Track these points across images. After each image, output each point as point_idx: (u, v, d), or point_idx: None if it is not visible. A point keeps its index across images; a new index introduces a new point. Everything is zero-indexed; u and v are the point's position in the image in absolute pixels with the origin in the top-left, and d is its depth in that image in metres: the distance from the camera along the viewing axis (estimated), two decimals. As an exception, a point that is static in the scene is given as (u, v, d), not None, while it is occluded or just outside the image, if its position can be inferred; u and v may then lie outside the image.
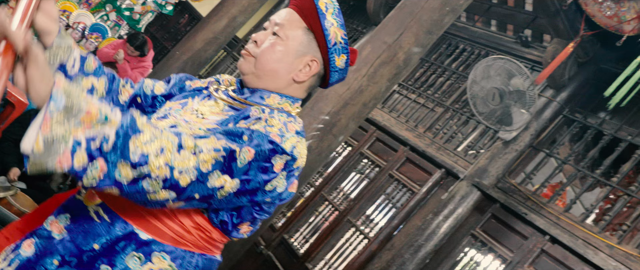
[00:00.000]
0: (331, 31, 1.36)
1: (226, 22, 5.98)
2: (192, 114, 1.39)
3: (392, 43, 3.83)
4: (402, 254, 4.62)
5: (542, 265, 4.05)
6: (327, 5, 1.37)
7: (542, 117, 4.73)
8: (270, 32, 1.40)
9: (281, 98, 1.40)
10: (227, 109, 1.39)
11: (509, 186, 4.58)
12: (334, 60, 1.40)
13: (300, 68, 1.40)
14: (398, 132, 5.57)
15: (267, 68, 1.38)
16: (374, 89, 3.84)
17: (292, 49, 1.38)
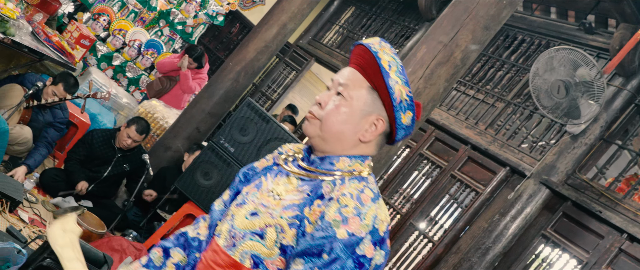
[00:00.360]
0: (396, 89, 1.35)
1: (277, 29, 5.96)
2: (269, 197, 1.40)
3: (448, 42, 3.72)
4: (469, 257, 4.47)
5: (621, 266, 3.83)
6: (390, 64, 1.35)
7: (612, 107, 4.48)
8: (334, 93, 1.40)
9: (351, 160, 1.39)
10: (300, 185, 1.39)
11: (580, 182, 4.35)
12: (400, 118, 1.38)
13: (366, 128, 1.39)
14: (458, 131, 5.41)
15: (334, 130, 1.38)
16: (432, 91, 3.74)
17: (357, 109, 1.38)
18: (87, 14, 6.99)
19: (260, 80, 8.54)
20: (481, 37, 3.74)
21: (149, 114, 6.16)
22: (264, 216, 1.35)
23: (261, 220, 1.35)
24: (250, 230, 1.35)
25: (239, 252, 1.34)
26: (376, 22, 7.88)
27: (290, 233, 1.31)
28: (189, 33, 7.70)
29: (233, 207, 1.45)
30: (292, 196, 1.37)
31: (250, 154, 4.44)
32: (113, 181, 5.07)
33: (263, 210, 1.37)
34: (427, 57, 3.72)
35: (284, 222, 1.32)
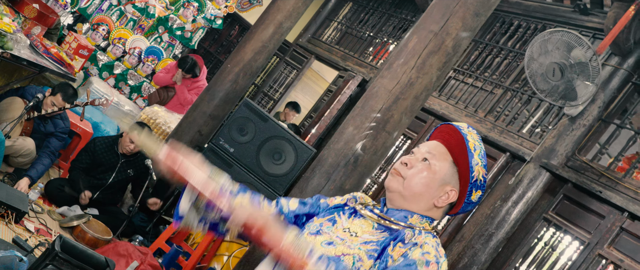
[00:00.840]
0: (476, 169, 1.55)
1: (273, 29, 5.99)
2: (345, 233, 1.57)
3: (438, 31, 3.73)
4: (473, 244, 4.48)
5: (623, 245, 3.82)
6: (475, 147, 1.55)
7: (609, 87, 4.46)
8: (420, 159, 1.59)
9: (422, 219, 1.57)
10: (377, 227, 1.57)
11: (580, 164, 4.35)
12: (471, 194, 1.58)
13: (441, 195, 1.57)
14: (458, 119, 5.41)
15: (415, 190, 1.56)
16: (425, 80, 3.75)
17: (438, 177, 1.57)
18: (86, 25, 7.07)
19: (262, 81, 8.58)
20: (472, 23, 3.75)
21: (151, 120, 6.22)
22: (341, 247, 1.53)
23: (338, 249, 1.53)
24: (327, 256, 1.46)
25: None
26: (374, 16, 7.89)
27: (368, 263, 1.48)
28: (188, 38, 7.76)
29: (306, 235, 1.62)
30: (369, 236, 1.54)
31: (249, 153, 4.48)
32: (118, 187, 5.13)
33: (339, 242, 1.55)
34: (418, 47, 3.73)
35: (362, 254, 1.49)
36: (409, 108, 3.72)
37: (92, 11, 7.08)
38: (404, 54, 3.76)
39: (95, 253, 3.17)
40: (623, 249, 3.82)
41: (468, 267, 4.44)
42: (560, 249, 4.19)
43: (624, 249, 3.81)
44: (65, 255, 2.93)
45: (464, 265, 4.45)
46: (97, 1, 7.12)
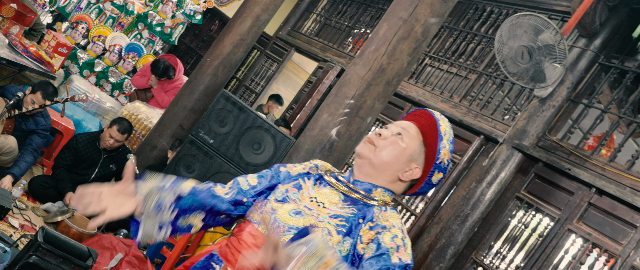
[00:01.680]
0: (442, 152, 1.64)
1: (251, 22, 6.06)
2: (312, 202, 1.63)
3: (407, 17, 3.82)
4: (450, 225, 4.61)
5: (591, 219, 3.97)
6: (446, 132, 1.65)
7: (577, 68, 4.60)
8: (395, 132, 1.67)
9: (384, 192, 1.66)
10: (344, 199, 1.64)
11: (551, 143, 4.48)
12: (433, 175, 1.67)
13: (406, 170, 1.65)
14: (434, 105, 5.53)
15: (384, 160, 1.64)
16: (396, 66, 3.85)
17: (407, 153, 1.65)
18: (65, 24, 7.09)
19: (244, 75, 8.65)
20: (440, 9, 3.85)
21: (133, 116, 6.28)
22: (309, 217, 1.58)
23: (307, 220, 1.58)
24: (295, 227, 1.57)
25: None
26: (351, 7, 7.99)
27: (336, 238, 1.55)
28: (168, 34, 7.81)
29: (273, 201, 1.65)
30: (336, 208, 1.61)
31: (229, 143, 4.57)
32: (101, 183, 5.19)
33: (307, 212, 1.60)
34: (388, 34, 3.83)
35: (331, 228, 1.56)
36: (381, 94, 3.82)
37: (71, 10, 7.11)
38: (375, 41, 3.86)
39: (78, 243, 3.25)
40: (591, 223, 3.96)
41: (445, 248, 4.57)
42: (532, 226, 4.32)
43: (592, 223, 3.96)
44: (48, 246, 3.01)
45: (442, 245, 4.58)
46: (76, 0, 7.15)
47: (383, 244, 1.52)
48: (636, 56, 4.44)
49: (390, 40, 3.82)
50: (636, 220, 3.71)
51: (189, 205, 1.62)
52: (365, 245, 1.54)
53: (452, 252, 4.55)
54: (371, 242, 1.53)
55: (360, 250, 1.54)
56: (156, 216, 1.56)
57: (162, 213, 1.57)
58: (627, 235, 3.73)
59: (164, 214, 1.57)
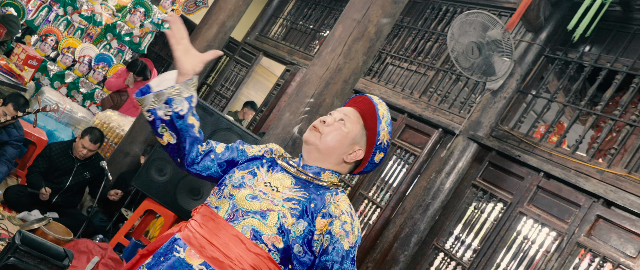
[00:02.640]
0: (382, 134, 1.80)
1: (217, 28, 6.26)
2: (266, 186, 1.78)
3: (361, 19, 4.06)
4: (413, 215, 4.85)
5: (540, 201, 4.24)
6: (384, 115, 1.81)
7: (525, 61, 4.88)
8: (337, 119, 1.83)
9: (332, 174, 1.83)
10: (295, 183, 1.79)
11: (503, 133, 4.76)
12: (375, 155, 1.83)
13: (350, 152, 1.83)
14: (395, 102, 5.78)
15: (330, 144, 1.81)
16: (352, 65, 4.08)
17: (350, 136, 1.82)
18: (34, 37, 7.20)
19: (214, 80, 8.82)
20: (391, 10, 4.10)
21: (105, 124, 6.42)
22: (264, 201, 1.73)
23: (263, 204, 1.72)
24: (253, 210, 1.71)
25: (241, 225, 1.70)
26: (316, 10, 8.23)
27: (291, 220, 1.70)
28: (137, 43, 7.94)
29: (230, 187, 1.79)
30: (289, 192, 1.76)
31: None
32: (76, 190, 5.32)
33: (263, 196, 1.74)
34: (344, 35, 4.06)
35: (286, 211, 1.71)
36: (339, 91, 4.05)
37: (39, 23, 7.22)
38: (332, 42, 4.09)
39: (54, 245, 3.41)
40: (540, 205, 4.24)
41: (409, 236, 4.81)
42: (487, 211, 4.59)
43: (541, 205, 4.23)
44: (25, 247, 3.17)
45: (406, 234, 4.82)
46: (44, 13, 7.26)
47: (334, 234, 1.69)
48: (578, 47, 4.74)
49: (345, 40, 4.05)
50: (579, 199, 3.99)
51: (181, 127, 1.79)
52: (319, 233, 1.71)
53: (416, 240, 4.79)
54: (326, 233, 1.70)
55: (316, 237, 1.71)
56: (161, 104, 1.74)
57: (165, 108, 1.74)
58: (572, 214, 4.01)
59: (165, 108, 1.73)
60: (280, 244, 1.69)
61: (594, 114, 4.33)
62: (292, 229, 1.70)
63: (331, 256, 1.68)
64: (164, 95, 1.73)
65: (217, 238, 1.71)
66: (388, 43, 6.63)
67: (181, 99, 1.74)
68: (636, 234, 3.63)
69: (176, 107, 1.73)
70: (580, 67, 4.66)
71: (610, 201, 3.83)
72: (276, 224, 1.70)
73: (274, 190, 1.77)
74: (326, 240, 1.70)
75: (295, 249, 1.70)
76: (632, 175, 3.83)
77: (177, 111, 1.74)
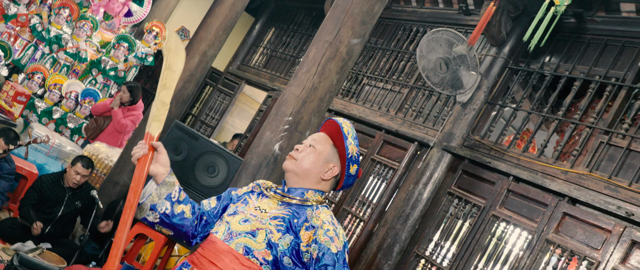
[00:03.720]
0: (350, 148, 2.02)
1: (198, 58, 6.51)
2: (256, 210, 2.00)
3: (332, 40, 4.33)
4: (394, 225, 5.06)
5: (510, 203, 4.48)
6: (349, 131, 2.04)
7: (491, 73, 5.17)
8: (308, 145, 2.06)
9: (315, 193, 2.04)
10: (280, 204, 2.00)
11: (474, 142, 5.02)
12: (349, 168, 2.05)
13: (325, 170, 2.03)
14: (373, 120, 6.04)
15: (305, 168, 2.02)
16: (326, 84, 4.34)
17: (322, 157, 2.04)
18: (21, 75, 7.40)
19: (199, 110, 9.04)
20: (360, 31, 4.38)
21: (94, 156, 6.60)
22: (254, 222, 1.95)
23: (253, 225, 1.95)
24: (245, 231, 1.94)
25: (235, 243, 1.93)
26: (294, 38, 8.54)
27: (277, 235, 1.91)
28: (122, 77, 8.17)
29: (226, 216, 2.03)
30: (275, 210, 1.97)
31: (186, 170, 4.94)
32: (68, 220, 5.47)
33: (253, 218, 1.96)
34: (317, 56, 4.32)
35: (272, 227, 1.92)
36: (316, 109, 4.29)
37: (26, 62, 7.43)
38: (307, 63, 4.35)
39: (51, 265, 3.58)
40: (511, 207, 4.48)
41: (391, 246, 5.01)
42: (462, 217, 4.82)
43: (512, 207, 4.47)
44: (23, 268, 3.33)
45: (388, 244, 5.02)
46: (30, 52, 7.48)
47: (320, 242, 1.88)
48: (539, 58, 5.04)
49: (319, 61, 4.31)
50: (547, 199, 4.24)
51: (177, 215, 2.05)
52: (306, 244, 1.90)
53: (398, 250, 5.00)
54: (312, 243, 1.89)
55: (303, 248, 1.90)
56: (165, 195, 1.99)
57: (166, 201, 2.00)
58: (541, 213, 4.25)
59: (152, 214, 2.01)
60: (269, 257, 1.92)
61: (556, 119, 4.61)
62: (280, 242, 1.92)
63: (324, 261, 1.87)
64: (147, 205, 2.01)
65: (215, 256, 1.97)
66: (364, 65, 6.92)
67: (162, 201, 2.01)
68: (599, 227, 3.87)
69: (161, 209, 2.00)
70: (542, 77, 4.95)
71: (574, 199, 4.08)
72: (265, 240, 1.93)
73: (263, 212, 1.99)
74: (314, 250, 1.89)
75: (285, 261, 1.92)
76: (593, 174, 4.09)
77: (163, 212, 2.01)
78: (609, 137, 4.19)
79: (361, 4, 4.35)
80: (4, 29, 7.36)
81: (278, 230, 1.93)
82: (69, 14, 7.67)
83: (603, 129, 4.25)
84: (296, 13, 8.98)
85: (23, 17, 7.44)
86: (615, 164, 4.03)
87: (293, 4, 9.14)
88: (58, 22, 7.59)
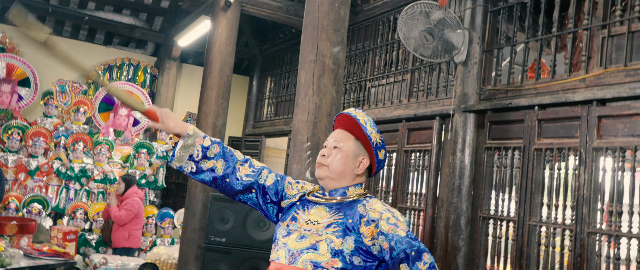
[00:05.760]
0: (372, 136, 2.06)
1: (211, 132, 6.69)
2: (308, 224, 2.02)
3: (315, 58, 4.44)
4: (451, 201, 5.05)
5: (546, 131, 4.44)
6: (365, 121, 2.07)
7: (476, 24, 5.19)
8: (332, 147, 2.08)
9: (354, 188, 2.08)
10: (328, 210, 2.02)
11: (489, 93, 5.02)
12: (378, 155, 2.09)
13: (357, 165, 2.07)
14: (390, 116, 6.09)
15: (338, 171, 2.05)
16: (327, 99, 4.43)
17: (350, 154, 2.06)
18: (65, 218, 7.70)
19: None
20: (336, 39, 4.48)
21: (157, 260, 6.78)
22: (311, 236, 1.96)
23: (310, 240, 1.96)
24: (305, 247, 1.96)
25: (301, 262, 1.94)
26: (291, 77, 8.72)
27: (338, 241, 1.93)
28: (153, 181, 8.41)
29: (281, 238, 2.05)
30: (327, 219, 1.99)
31: (239, 234, 5.03)
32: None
33: (308, 233, 1.98)
34: (308, 78, 4.43)
35: (330, 236, 1.94)
36: (327, 126, 4.38)
37: (64, 204, 7.75)
38: (302, 88, 4.46)
39: None
40: (548, 134, 4.44)
41: (457, 221, 4.98)
42: (508, 164, 4.78)
43: (549, 134, 4.43)
44: None
45: (453, 220, 5.00)
46: (64, 194, 7.79)
47: (386, 232, 1.91)
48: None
49: (311, 81, 4.42)
50: (577, 112, 4.20)
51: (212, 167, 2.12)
52: (370, 238, 1.93)
53: (464, 222, 4.97)
54: (378, 235, 1.92)
55: (368, 243, 1.93)
56: (187, 157, 2.10)
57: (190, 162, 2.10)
58: (577, 127, 4.21)
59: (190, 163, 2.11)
60: (338, 264, 1.92)
61: (554, 36, 4.60)
62: (343, 247, 1.93)
63: (399, 248, 1.89)
64: (174, 166, 2.15)
65: None
66: (361, 71, 7.01)
67: (186, 162, 2.12)
68: (636, 114, 3.82)
69: (187, 170, 2.13)
70: (523, 5, 4.96)
71: (602, 99, 4.04)
72: (328, 250, 1.94)
73: (315, 223, 2.01)
74: (382, 241, 1.92)
75: (356, 262, 1.93)
76: (609, 69, 4.05)
77: (189, 171, 2.13)
78: (608, 30, 4.16)
79: (327, 15, 4.47)
80: (33, 184, 7.72)
81: (337, 236, 1.94)
82: (84, 146, 8.00)
83: (599, 25, 4.22)
84: (283, 55, 9.18)
85: (45, 167, 7.79)
86: (624, 51, 3.99)
87: (277, 49, 9.36)
88: (77, 157, 7.91)
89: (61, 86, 8.27)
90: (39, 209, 7.47)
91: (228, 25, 6.85)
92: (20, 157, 7.66)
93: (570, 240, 4.11)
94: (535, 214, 4.46)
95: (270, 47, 9.57)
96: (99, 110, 8.52)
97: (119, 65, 9.43)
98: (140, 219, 7.15)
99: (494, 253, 4.80)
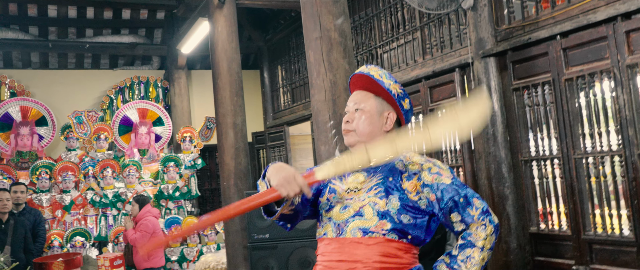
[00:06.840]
0: (392, 88, 1.95)
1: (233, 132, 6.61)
2: (348, 192, 1.92)
3: (320, 34, 4.29)
4: (488, 151, 4.87)
5: (574, 59, 4.22)
6: (380, 74, 1.96)
7: (478, -35, 4.97)
8: (353, 111, 1.98)
9: None
10: (367, 174, 1.92)
11: (504, 32, 4.80)
12: (402, 106, 1.97)
13: (384, 122, 1.96)
14: (408, 77, 5.90)
15: (366, 132, 1.94)
16: (341, 73, 4.28)
17: (373, 112, 1.95)
18: (109, 245, 7.73)
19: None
20: (337, 11, 4.33)
21: (206, 268, 6.76)
22: (354, 204, 1.88)
23: (354, 207, 1.87)
24: (350, 216, 1.87)
25: (349, 231, 1.85)
26: (301, 61, 8.55)
27: (382, 202, 1.84)
28: (187, 192, 8.39)
29: (324, 213, 1.96)
30: (366, 184, 1.90)
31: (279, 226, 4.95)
32: None
33: (350, 202, 1.89)
34: (317, 56, 4.29)
35: (373, 198, 1.85)
36: (346, 101, 4.20)
37: (105, 232, 7.77)
38: (314, 68, 4.32)
39: None
40: (576, 61, 4.22)
41: (498, 169, 4.81)
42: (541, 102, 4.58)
43: (577, 61, 4.21)
44: None
45: (495, 170, 4.83)
46: (103, 222, 7.81)
47: (430, 182, 1.83)
48: None
49: (321, 59, 4.27)
50: (602, 31, 3.97)
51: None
52: (415, 193, 1.85)
53: (506, 169, 4.80)
54: (423, 188, 1.84)
55: (414, 198, 1.85)
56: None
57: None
58: (606, 48, 3.98)
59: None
60: (387, 226, 1.83)
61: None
62: (388, 207, 1.84)
63: (446, 197, 1.81)
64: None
65: (340, 254, 1.87)
66: (371, 39, 6.83)
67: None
68: (666, 20, 3.59)
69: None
70: None
71: (626, 13, 3.81)
72: (374, 214, 1.85)
73: (356, 190, 1.92)
74: (428, 193, 1.84)
75: (404, 220, 1.83)
76: (627, -20, 3.82)
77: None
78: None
79: (323, -13, 4.30)
80: (71, 218, 7.74)
81: (380, 197, 1.86)
82: (113, 171, 7.99)
83: (609, -64, 3.97)
84: (288, 41, 9.03)
85: (80, 199, 7.80)
86: (641, -44, 3.74)
87: (280, 36, 9.20)
88: (108, 184, 7.91)
89: (77, 117, 8.25)
90: (82, 241, 7.50)
91: (227, 23, 6.72)
92: (53, 194, 7.69)
93: (621, 166, 3.91)
94: (578, 146, 4.26)
95: (273, 36, 9.41)
96: (119, 133, 8.51)
97: (129, 86, 9.38)
98: (158, 238, 7.01)
99: (544, 195, 4.63)
